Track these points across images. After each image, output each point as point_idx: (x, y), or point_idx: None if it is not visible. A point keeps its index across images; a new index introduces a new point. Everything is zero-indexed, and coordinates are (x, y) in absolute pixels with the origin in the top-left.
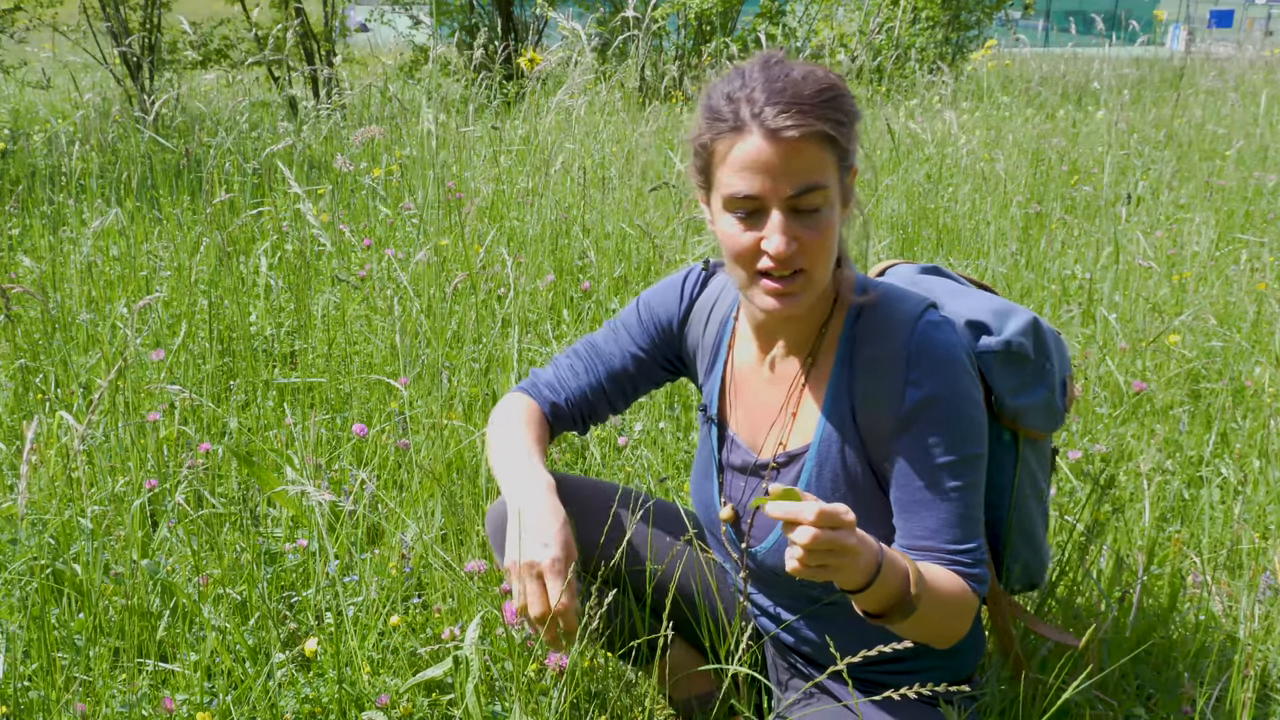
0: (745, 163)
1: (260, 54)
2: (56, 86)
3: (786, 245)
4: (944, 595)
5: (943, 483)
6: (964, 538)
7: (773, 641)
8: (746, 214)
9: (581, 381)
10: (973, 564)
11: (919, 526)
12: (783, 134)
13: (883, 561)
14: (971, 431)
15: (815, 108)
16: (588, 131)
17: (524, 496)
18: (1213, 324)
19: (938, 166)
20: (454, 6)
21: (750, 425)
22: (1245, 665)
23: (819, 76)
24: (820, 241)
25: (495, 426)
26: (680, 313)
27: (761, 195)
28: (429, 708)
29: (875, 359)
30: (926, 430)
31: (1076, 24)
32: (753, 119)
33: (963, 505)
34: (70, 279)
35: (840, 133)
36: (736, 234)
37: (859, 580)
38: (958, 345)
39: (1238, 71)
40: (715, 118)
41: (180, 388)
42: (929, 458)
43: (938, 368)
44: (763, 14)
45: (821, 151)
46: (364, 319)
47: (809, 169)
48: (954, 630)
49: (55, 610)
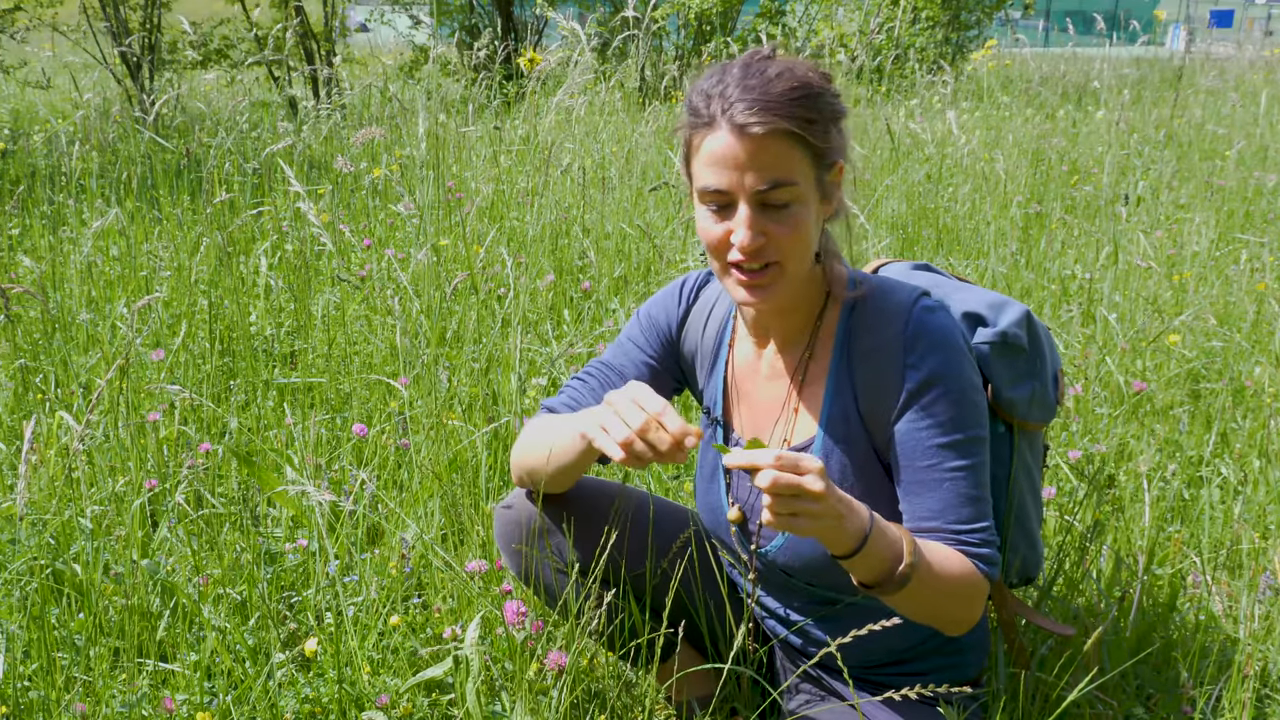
0: (714, 158)
1: (260, 54)
2: (56, 86)
3: (751, 240)
4: (945, 573)
5: (945, 463)
6: (971, 518)
7: (781, 644)
8: (718, 207)
9: (598, 398)
10: (980, 544)
11: (923, 508)
12: (748, 130)
13: (872, 528)
14: (972, 413)
15: (783, 105)
16: (588, 131)
17: (574, 417)
18: (1213, 324)
19: (938, 166)
20: (454, 6)
21: (754, 424)
22: (1245, 665)
23: (796, 74)
24: (791, 236)
25: (520, 449)
26: (679, 316)
27: (730, 189)
28: (429, 708)
29: (873, 348)
30: (927, 411)
31: (1076, 24)
32: (722, 115)
33: (967, 485)
34: (70, 279)
35: (810, 131)
36: (709, 225)
37: (846, 542)
38: (954, 329)
39: (1238, 71)
40: (692, 111)
41: (180, 388)
42: (930, 438)
43: (935, 350)
44: (763, 14)
45: (790, 148)
46: (364, 319)
47: (775, 165)
48: (961, 615)
49: (55, 610)
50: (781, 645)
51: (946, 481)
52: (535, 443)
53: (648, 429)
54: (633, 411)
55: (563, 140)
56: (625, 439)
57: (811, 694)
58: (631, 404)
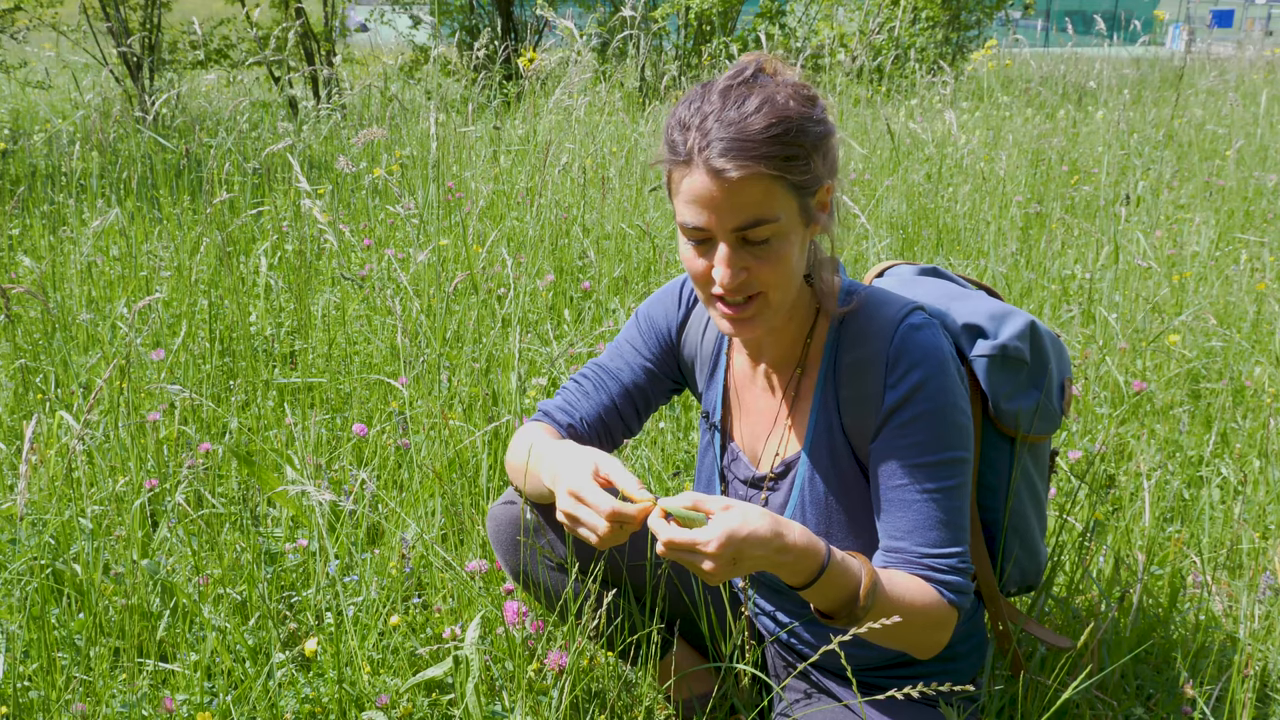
0: (692, 196)
1: (260, 54)
2: (57, 86)
3: (732, 277)
4: (908, 605)
5: (919, 483)
6: (940, 541)
7: (775, 644)
8: (699, 241)
9: (593, 402)
10: (947, 570)
11: (893, 526)
12: (724, 175)
13: (827, 564)
14: (952, 435)
15: (760, 145)
16: (588, 131)
17: (553, 463)
18: (1213, 324)
19: (938, 166)
20: (454, 6)
21: (751, 435)
22: (1245, 665)
23: (776, 107)
24: (773, 269)
25: (514, 456)
26: (679, 318)
27: (708, 228)
28: (429, 708)
29: (857, 363)
30: (904, 431)
31: (1076, 24)
32: (699, 154)
33: (940, 509)
34: (70, 279)
35: (789, 169)
36: (691, 258)
37: (796, 578)
38: (940, 348)
39: (1238, 71)
40: (670, 145)
41: (180, 387)
42: (906, 457)
43: (916, 369)
44: (763, 14)
45: (769, 185)
46: (364, 319)
47: (754, 204)
48: (928, 641)
49: (55, 610)
50: (776, 645)
51: (918, 502)
52: (518, 464)
53: (606, 534)
54: (593, 517)
55: (562, 140)
56: (596, 540)
57: (808, 693)
58: (591, 512)
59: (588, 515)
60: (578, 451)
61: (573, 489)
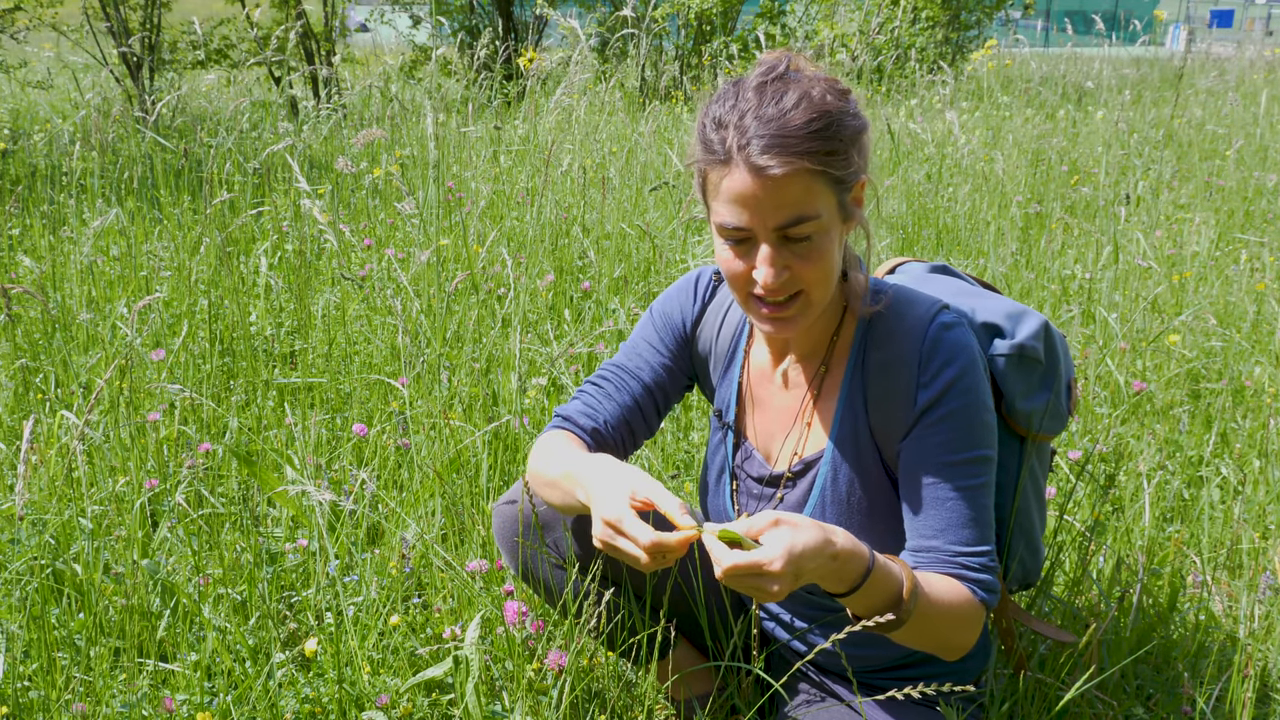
0: (732, 196)
1: (261, 54)
2: (57, 86)
3: (775, 276)
4: (944, 607)
5: (951, 482)
6: (972, 540)
7: (781, 647)
8: (737, 242)
9: (616, 403)
10: (980, 569)
11: (925, 526)
12: (767, 172)
13: (872, 568)
14: (982, 433)
15: (803, 141)
16: (588, 131)
17: (589, 485)
18: (1213, 324)
19: (938, 166)
20: (454, 6)
21: (766, 433)
22: (1245, 665)
23: (814, 101)
24: (815, 267)
25: (535, 464)
26: (695, 313)
27: (749, 227)
28: (429, 708)
29: (888, 361)
30: (936, 430)
31: (1076, 24)
32: (739, 152)
33: (971, 507)
34: (70, 279)
35: (831, 163)
36: (730, 259)
37: (841, 585)
38: (970, 346)
39: (1238, 71)
40: (706, 145)
41: (180, 387)
42: (937, 456)
43: (949, 368)
44: (763, 14)
45: (811, 183)
46: (364, 319)
47: (796, 202)
48: (958, 642)
49: (55, 610)
50: (781, 648)
51: (950, 500)
52: (546, 477)
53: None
54: (632, 549)
55: (563, 140)
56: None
57: (810, 695)
58: (630, 544)
59: (627, 546)
60: (613, 474)
61: (609, 518)
